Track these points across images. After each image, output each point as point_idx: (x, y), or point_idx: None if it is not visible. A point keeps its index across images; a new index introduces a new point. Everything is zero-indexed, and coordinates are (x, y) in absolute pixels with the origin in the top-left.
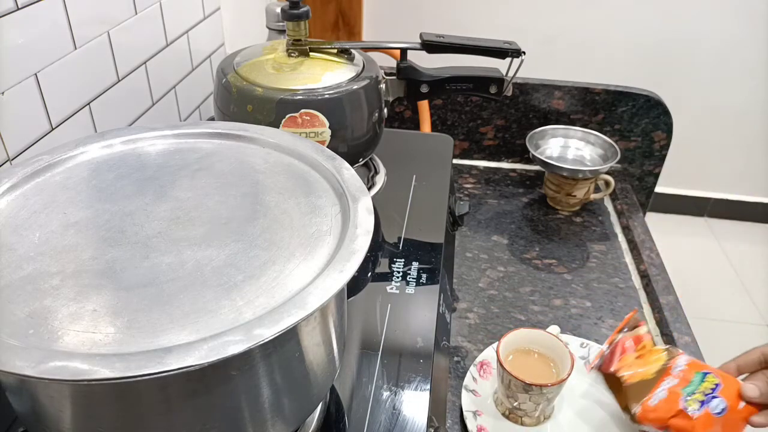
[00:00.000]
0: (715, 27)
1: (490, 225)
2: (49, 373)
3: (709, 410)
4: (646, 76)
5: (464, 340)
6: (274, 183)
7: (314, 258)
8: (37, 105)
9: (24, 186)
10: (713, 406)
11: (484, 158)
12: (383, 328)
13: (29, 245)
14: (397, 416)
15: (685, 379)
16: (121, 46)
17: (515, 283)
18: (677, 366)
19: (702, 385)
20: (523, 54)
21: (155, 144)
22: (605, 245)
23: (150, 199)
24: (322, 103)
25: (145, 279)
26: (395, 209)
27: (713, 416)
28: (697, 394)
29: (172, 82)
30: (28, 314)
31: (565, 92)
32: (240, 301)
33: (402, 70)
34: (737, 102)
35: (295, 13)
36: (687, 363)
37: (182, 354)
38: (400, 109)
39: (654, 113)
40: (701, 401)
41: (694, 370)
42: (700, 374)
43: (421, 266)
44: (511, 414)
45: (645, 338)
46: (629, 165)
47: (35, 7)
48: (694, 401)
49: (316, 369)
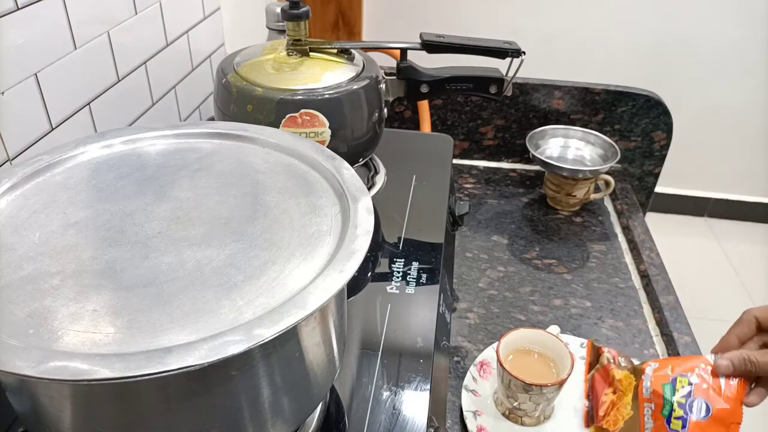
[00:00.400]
0: (715, 27)
1: (490, 225)
2: (49, 373)
3: (695, 419)
4: (646, 76)
5: (464, 340)
6: (274, 183)
7: (314, 258)
8: (37, 105)
9: (24, 186)
10: (696, 412)
11: (484, 158)
12: (383, 328)
13: (29, 245)
14: (397, 416)
15: (658, 400)
16: (121, 46)
17: (515, 283)
18: (646, 387)
19: (675, 398)
20: (523, 54)
21: (155, 144)
22: (605, 245)
23: (150, 199)
24: (322, 103)
25: (145, 279)
26: (395, 209)
27: (703, 422)
28: (675, 411)
29: (172, 82)
30: (28, 314)
31: (565, 92)
32: (240, 301)
33: (402, 70)
34: (737, 102)
35: (295, 13)
36: (652, 375)
37: (182, 354)
38: (400, 109)
39: (654, 113)
40: (683, 416)
41: (661, 382)
42: (669, 385)
43: (421, 266)
44: (511, 414)
45: (610, 369)
46: (629, 165)
47: (35, 7)
48: (676, 420)
49: (316, 369)
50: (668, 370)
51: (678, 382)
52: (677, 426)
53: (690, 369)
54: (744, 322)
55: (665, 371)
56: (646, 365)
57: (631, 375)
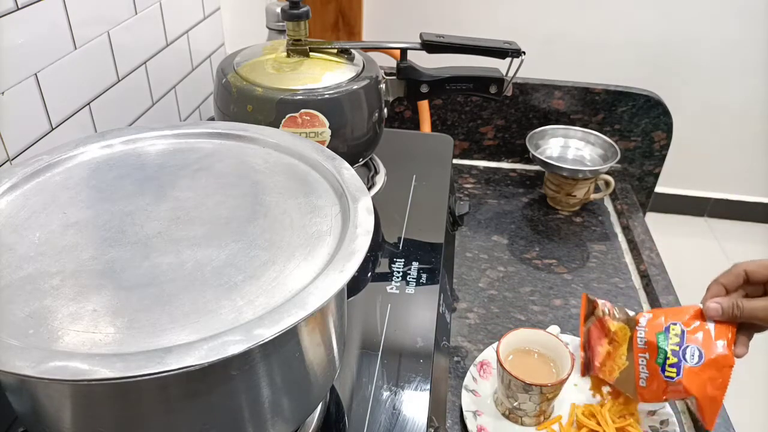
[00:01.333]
0: (715, 27)
1: (490, 225)
2: (49, 373)
3: (688, 365)
4: (646, 76)
5: (464, 340)
6: (274, 183)
7: (314, 258)
8: (37, 105)
9: (24, 186)
10: (689, 358)
11: (484, 158)
12: (383, 328)
13: (29, 245)
14: (397, 416)
15: (652, 349)
16: (121, 46)
17: (515, 283)
18: (640, 337)
19: (669, 345)
20: (523, 54)
21: (155, 144)
22: (605, 245)
23: (150, 199)
24: (322, 103)
25: (145, 279)
26: (395, 209)
27: (696, 368)
28: (669, 359)
29: (172, 82)
30: (28, 314)
31: (565, 92)
32: (240, 301)
33: (402, 70)
34: (737, 102)
35: (295, 13)
36: (646, 326)
37: (182, 354)
38: (400, 109)
39: (654, 113)
40: (676, 363)
41: (655, 331)
42: (662, 334)
43: (421, 266)
44: (511, 414)
45: (606, 321)
46: (629, 165)
47: (35, 7)
48: (670, 368)
49: (316, 369)
50: (661, 319)
51: (671, 330)
52: (672, 373)
53: (682, 317)
54: (732, 274)
55: (659, 321)
56: (640, 316)
57: (626, 326)
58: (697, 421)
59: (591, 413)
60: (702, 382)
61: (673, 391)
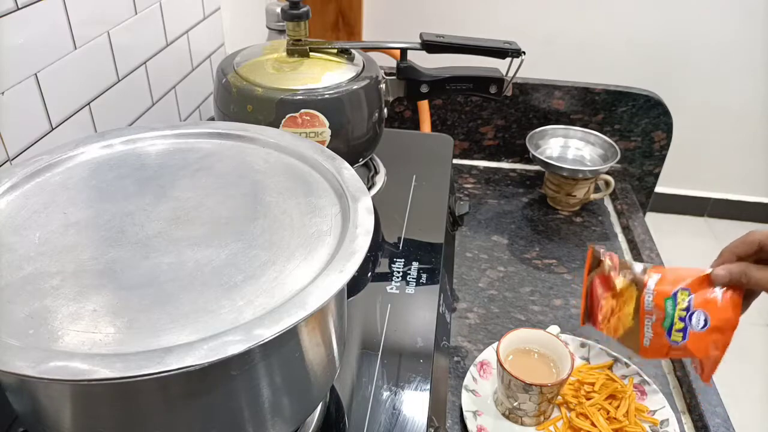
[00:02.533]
0: (714, 27)
1: (490, 225)
2: (49, 373)
3: (694, 330)
4: (646, 76)
5: (464, 340)
6: (274, 183)
7: (314, 258)
8: (37, 105)
9: (24, 186)
10: (695, 324)
11: (484, 158)
12: (383, 328)
13: (29, 245)
14: (397, 416)
15: (659, 313)
16: (121, 46)
17: (515, 283)
18: (648, 301)
19: (677, 311)
20: (523, 54)
21: (155, 144)
22: (605, 245)
23: (150, 199)
24: (322, 103)
25: (145, 279)
26: (395, 209)
27: (702, 333)
28: (676, 324)
29: (172, 82)
30: (28, 314)
31: (565, 92)
32: (240, 301)
33: (402, 70)
34: (737, 102)
35: (295, 13)
36: (654, 289)
37: (182, 354)
38: (400, 109)
39: (654, 113)
40: (683, 328)
41: (663, 297)
42: (670, 299)
43: (421, 266)
44: (511, 414)
45: (612, 278)
46: (629, 165)
47: (35, 7)
48: (676, 333)
49: (316, 369)
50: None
51: (679, 295)
52: (677, 337)
53: (690, 281)
54: (746, 243)
55: (667, 285)
56: (648, 277)
57: (632, 285)
58: (697, 421)
59: (584, 414)
60: (705, 345)
61: (676, 352)
